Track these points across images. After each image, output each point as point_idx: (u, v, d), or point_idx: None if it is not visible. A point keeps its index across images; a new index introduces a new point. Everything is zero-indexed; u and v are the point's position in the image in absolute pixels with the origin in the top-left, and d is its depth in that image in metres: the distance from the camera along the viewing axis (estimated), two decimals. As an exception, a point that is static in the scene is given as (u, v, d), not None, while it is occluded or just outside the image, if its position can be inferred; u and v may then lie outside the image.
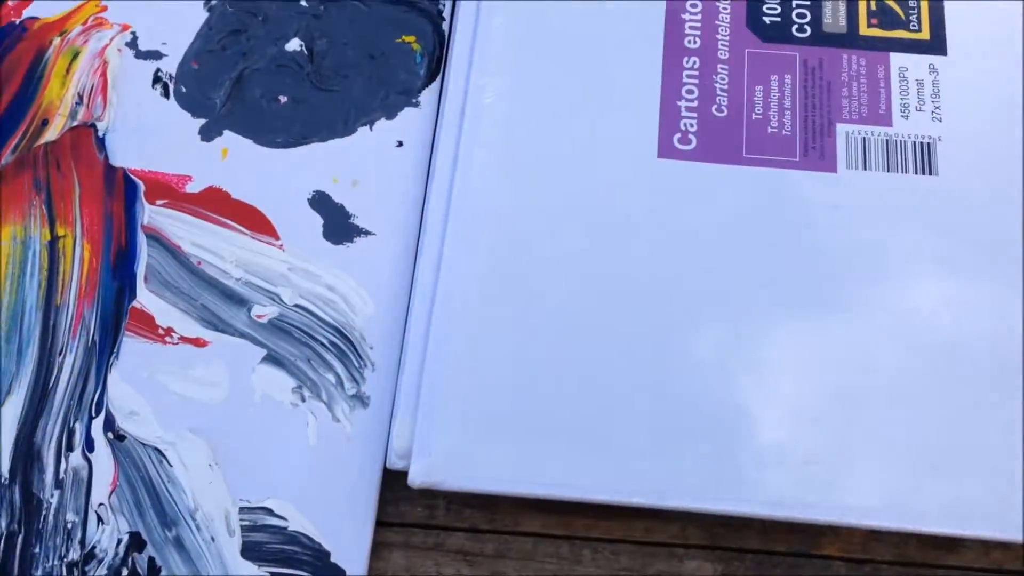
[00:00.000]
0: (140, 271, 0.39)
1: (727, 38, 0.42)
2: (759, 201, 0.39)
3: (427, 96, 0.43)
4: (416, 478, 0.35)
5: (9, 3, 0.44)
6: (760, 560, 0.36)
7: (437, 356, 0.37)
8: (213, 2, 0.44)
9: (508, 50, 0.42)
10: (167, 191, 0.41)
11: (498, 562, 0.36)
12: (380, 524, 0.36)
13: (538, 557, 0.36)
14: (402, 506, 0.37)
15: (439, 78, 0.43)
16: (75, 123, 0.42)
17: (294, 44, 0.44)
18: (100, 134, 0.42)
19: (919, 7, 0.42)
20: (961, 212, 0.39)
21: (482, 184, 0.39)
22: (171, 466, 0.36)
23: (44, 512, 0.35)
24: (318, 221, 0.41)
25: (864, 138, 0.40)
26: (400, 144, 0.42)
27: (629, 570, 0.36)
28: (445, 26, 0.44)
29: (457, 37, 0.43)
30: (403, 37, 0.44)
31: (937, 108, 0.40)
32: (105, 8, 0.44)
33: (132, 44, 0.44)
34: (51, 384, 0.37)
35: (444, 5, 0.45)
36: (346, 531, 0.36)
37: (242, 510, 0.36)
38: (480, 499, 0.36)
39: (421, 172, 0.41)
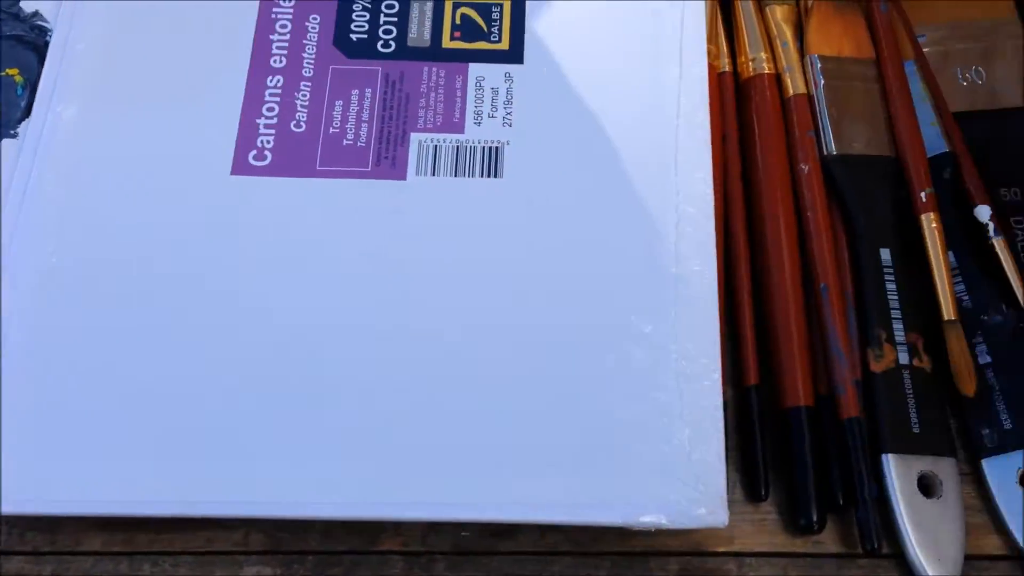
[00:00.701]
0: None
1: (313, 56, 0.43)
2: (330, 211, 0.40)
3: (26, 127, 0.43)
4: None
5: None
6: (320, 560, 0.37)
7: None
8: None
9: (91, 74, 0.42)
10: None
11: (56, 582, 0.36)
12: (-61, 553, 0.36)
13: (96, 575, 0.36)
14: (-37, 534, 0.37)
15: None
16: None
17: None
18: None
19: (501, 19, 0.44)
20: (523, 212, 0.40)
21: (50, 208, 0.40)
22: None
23: None
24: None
25: (436, 146, 0.41)
26: (-6, 175, 0.42)
27: (188, 580, 0.36)
28: (52, 57, 0.45)
29: (48, 63, 0.43)
30: (7, 70, 0.45)
31: (509, 114, 0.42)
32: None
33: None
34: None
35: (51, 37, 0.45)
36: None
37: None
38: (43, 522, 0.37)
39: (13, 202, 0.41)
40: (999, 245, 0.41)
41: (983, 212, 0.42)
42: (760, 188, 0.43)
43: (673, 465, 0.36)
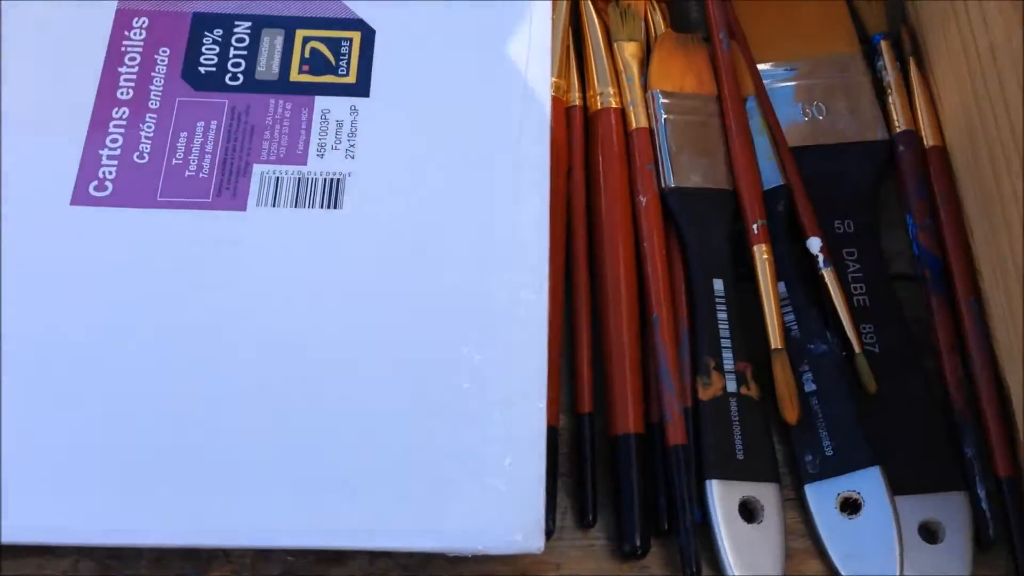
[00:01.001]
0: None
1: (160, 88, 0.44)
2: (170, 242, 0.41)
3: None
4: None
5: None
6: (148, 589, 0.37)
7: None
8: None
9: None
10: None
11: None
12: None
13: (-83, 604, 0.36)
14: None
15: None
16: None
17: None
18: None
19: (350, 54, 0.45)
20: (361, 243, 0.41)
21: None
22: None
23: None
24: None
25: (278, 177, 0.42)
26: None
27: (11, 610, 0.36)
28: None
29: None
30: None
31: (352, 146, 0.43)
32: None
33: None
34: None
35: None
36: None
37: None
38: None
39: None
40: (828, 276, 0.43)
41: (814, 244, 0.43)
42: (601, 219, 0.44)
43: (493, 491, 0.37)
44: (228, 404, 0.38)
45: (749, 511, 0.39)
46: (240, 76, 0.44)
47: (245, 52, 0.45)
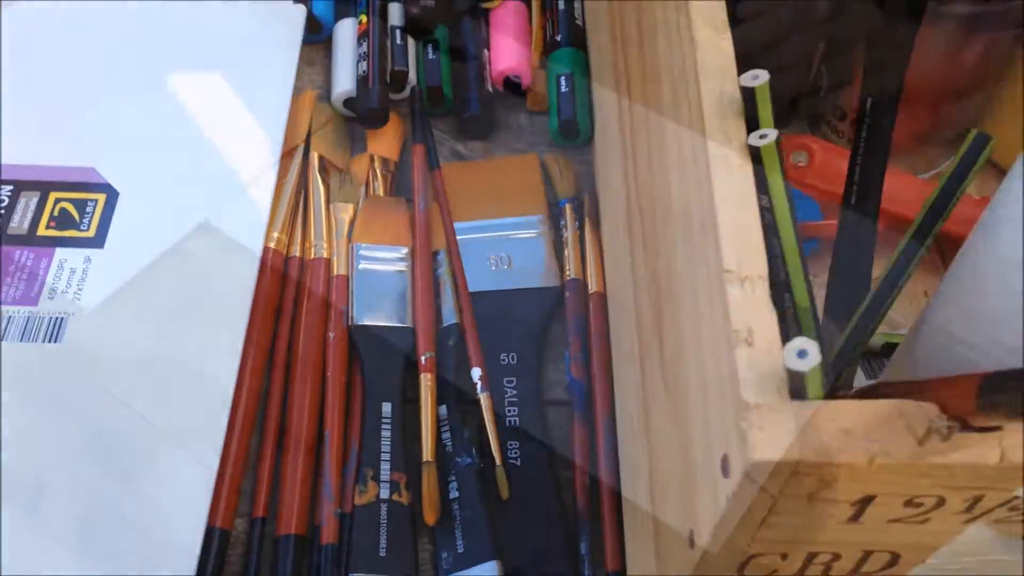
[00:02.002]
0: None
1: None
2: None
3: None
4: None
5: None
6: None
7: None
8: None
9: None
10: None
11: None
12: None
13: None
14: None
15: None
16: None
17: None
18: None
19: (94, 212, 0.53)
20: (76, 370, 0.48)
21: None
22: None
23: None
24: None
25: (10, 316, 0.50)
26: None
27: None
28: None
29: None
30: None
31: (80, 290, 0.51)
32: None
33: None
34: None
35: None
36: None
37: None
38: None
39: None
40: (483, 400, 0.50)
41: (475, 373, 0.51)
42: (298, 352, 0.51)
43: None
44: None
45: (386, 600, 0.45)
46: (-5, 232, 0.52)
47: (2, 212, 0.53)
